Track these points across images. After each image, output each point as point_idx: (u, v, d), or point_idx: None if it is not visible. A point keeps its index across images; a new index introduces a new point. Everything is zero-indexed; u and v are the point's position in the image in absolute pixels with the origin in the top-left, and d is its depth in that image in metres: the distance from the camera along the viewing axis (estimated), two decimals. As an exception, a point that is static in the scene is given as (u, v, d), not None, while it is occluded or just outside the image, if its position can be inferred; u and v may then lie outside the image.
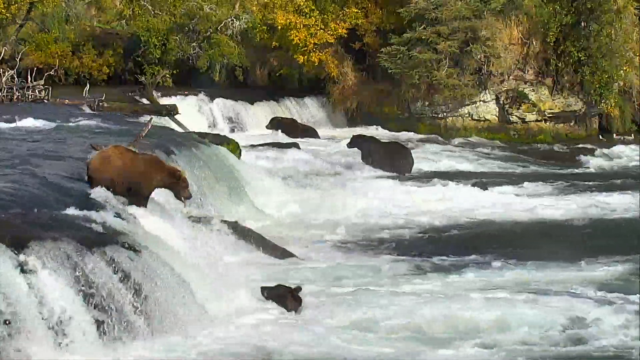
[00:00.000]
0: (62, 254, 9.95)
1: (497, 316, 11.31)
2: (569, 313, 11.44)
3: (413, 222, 17.87)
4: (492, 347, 10.50)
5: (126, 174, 12.68)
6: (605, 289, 12.82)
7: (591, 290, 12.76)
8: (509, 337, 10.81)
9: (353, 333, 10.96)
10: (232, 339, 10.58)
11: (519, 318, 11.23)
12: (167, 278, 10.98)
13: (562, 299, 12.09)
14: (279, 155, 25.02)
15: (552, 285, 13.04)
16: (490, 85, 32.22)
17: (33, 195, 12.25)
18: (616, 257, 14.69)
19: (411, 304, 11.82)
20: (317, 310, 11.81)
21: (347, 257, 15.18)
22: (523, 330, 10.95)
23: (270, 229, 16.80)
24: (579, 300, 12.10)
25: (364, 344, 10.58)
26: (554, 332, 10.97)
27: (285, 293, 11.92)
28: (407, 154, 24.69)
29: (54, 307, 9.39)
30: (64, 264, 9.86)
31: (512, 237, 16.71)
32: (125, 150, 13.15)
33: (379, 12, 34.05)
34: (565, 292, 12.63)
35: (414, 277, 13.70)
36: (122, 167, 12.68)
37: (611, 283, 13.22)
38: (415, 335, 10.95)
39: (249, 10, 36.41)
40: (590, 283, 13.16)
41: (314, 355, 10.17)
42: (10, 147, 17.07)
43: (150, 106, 30.07)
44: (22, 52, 32.84)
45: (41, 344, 9.08)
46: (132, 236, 11.48)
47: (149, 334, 10.18)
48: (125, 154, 12.91)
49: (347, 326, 11.21)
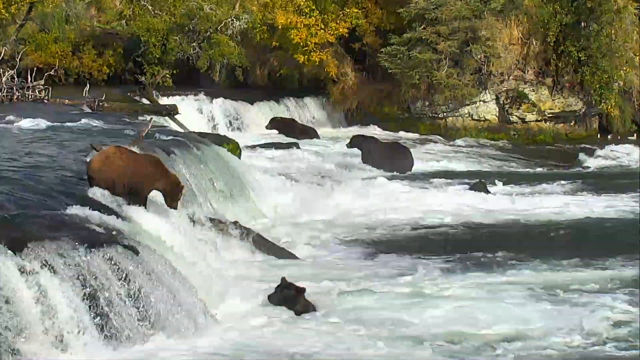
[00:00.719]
0: (62, 254, 9.95)
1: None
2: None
3: (413, 222, 17.86)
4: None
5: (127, 175, 12.66)
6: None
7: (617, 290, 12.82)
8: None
9: (363, 333, 10.98)
10: (233, 339, 10.57)
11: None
12: (167, 278, 10.97)
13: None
14: (279, 155, 25.04)
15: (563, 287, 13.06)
16: (490, 85, 32.23)
17: (33, 195, 12.24)
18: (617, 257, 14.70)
19: (411, 304, 11.89)
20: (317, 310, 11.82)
21: (347, 257, 15.17)
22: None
23: (270, 229, 16.80)
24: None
25: (374, 346, 10.58)
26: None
27: (294, 296, 11.86)
28: (407, 154, 24.69)
29: (54, 308, 9.38)
30: (63, 264, 9.85)
31: (513, 237, 16.70)
32: (126, 150, 13.14)
33: (379, 12, 34.08)
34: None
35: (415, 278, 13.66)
36: (123, 168, 12.66)
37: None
38: (413, 335, 10.97)
39: (249, 10, 36.41)
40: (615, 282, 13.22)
41: (316, 356, 10.18)
42: (10, 147, 17.06)
43: (150, 106, 30.05)
44: (22, 52, 32.81)
45: (41, 344, 9.08)
46: (132, 236, 11.47)
47: (149, 334, 10.18)
48: (126, 154, 12.90)
49: (355, 326, 11.22)
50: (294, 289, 11.95)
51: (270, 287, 12.41)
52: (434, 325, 11.21)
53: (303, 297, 11.88)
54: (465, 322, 11.25)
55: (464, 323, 11.23)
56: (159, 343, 10.11)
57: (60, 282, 9.60)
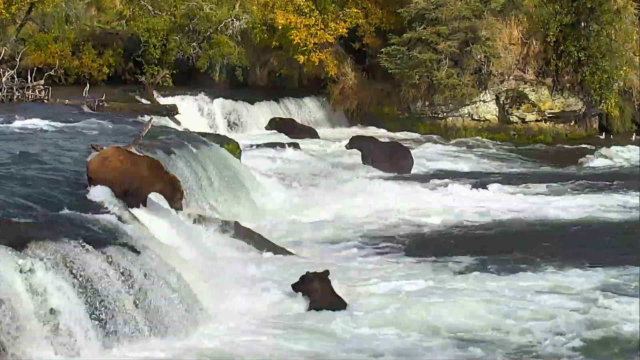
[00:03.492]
0: (62, 254, 9.95)
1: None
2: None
3: (413, 222, 17.85)
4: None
5: (125, 176, 12.65)
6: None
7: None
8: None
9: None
10: (233, 339, 10.57)
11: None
12: (167, 278, 10.98)
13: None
14: (279, 156, 25.02)
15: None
16: (490, 85, 32.22)
17: (33, 195, 12.24)
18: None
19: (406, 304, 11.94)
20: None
21: (347, 257, 15.17)
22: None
23: (270, 229, 16.80)
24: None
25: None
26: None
27: (315, 286, 11.84)
28: (407, 154, 24.66)
29: (54, 307, 9.38)
30: (63, 264, 9.85)
31: (513, 237, 16.70)
32: (125, 151, 13.13)
33: (379, 12, 34.07)
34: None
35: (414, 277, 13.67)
36: (122, 169, 12.66)
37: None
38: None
39: (249, 10, 36.45)
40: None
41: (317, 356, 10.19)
42: (10, 147, 17.06)
43: (150, 106, 30.07)
44: (22, 52, 32.82)
45: (41, 344, 9.08)
46: (131, 236, 11.48)
47: (149, 333, 10.18)
48: (125, 155, 12.89)
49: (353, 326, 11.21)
50: (318, 276, 11.93)
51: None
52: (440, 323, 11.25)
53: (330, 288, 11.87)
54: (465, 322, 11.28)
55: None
56: (159, 342, 10.11)
57: (60, 282, 9.60)
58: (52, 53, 35.31)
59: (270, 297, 12.20)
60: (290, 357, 10.09)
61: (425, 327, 11.17)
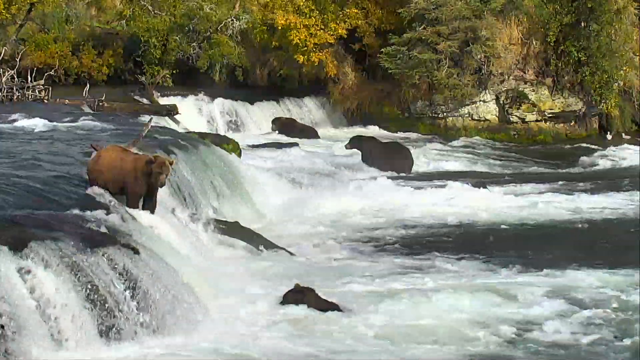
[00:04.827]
0: (62, 254, 9.95)
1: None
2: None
3: (413, 222, 17.86)
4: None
5: (117, 174, 12.66)
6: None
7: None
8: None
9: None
10: (233, 339, 10.56)
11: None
12: (167, 277, 10.98)
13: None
14: (279, 156, 25.04)
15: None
16: (490, 85, 32.23)
17: (33, 195, 12.25)
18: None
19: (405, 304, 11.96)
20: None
21: (347, 257, 15.18)
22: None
23: (270, 229, 16.80)
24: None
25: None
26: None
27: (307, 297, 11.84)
28: (406, 154, 24.66)
29: (54, 307, 9.39)
30: (63, 264, 9.86)
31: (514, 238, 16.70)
32: (120, 150, 13.13)
33: (379, 13, 34.07)
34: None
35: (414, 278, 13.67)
36: (112, 167, 12.69)
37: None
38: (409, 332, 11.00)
39: (249, 10, 36.46)
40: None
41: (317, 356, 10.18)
42: (10, 147, 17.08)
43: (150, 106, 30.10)
44: (22, 52, 32.84)
45: (41, 344, 9.07)
46: (132, 236, 11.49)
47: (150, 333, 10.18)
48: (118, 153, 12.90)
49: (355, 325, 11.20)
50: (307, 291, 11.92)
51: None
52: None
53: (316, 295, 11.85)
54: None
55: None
56: (159, 341, 10.11)
57: (59, 282, 9.61)
58: (52, 53, 35.32)
59: (270, 297, 12.19)
60: (290, 357, 10.09)
61: (424, 328, 11.16)
